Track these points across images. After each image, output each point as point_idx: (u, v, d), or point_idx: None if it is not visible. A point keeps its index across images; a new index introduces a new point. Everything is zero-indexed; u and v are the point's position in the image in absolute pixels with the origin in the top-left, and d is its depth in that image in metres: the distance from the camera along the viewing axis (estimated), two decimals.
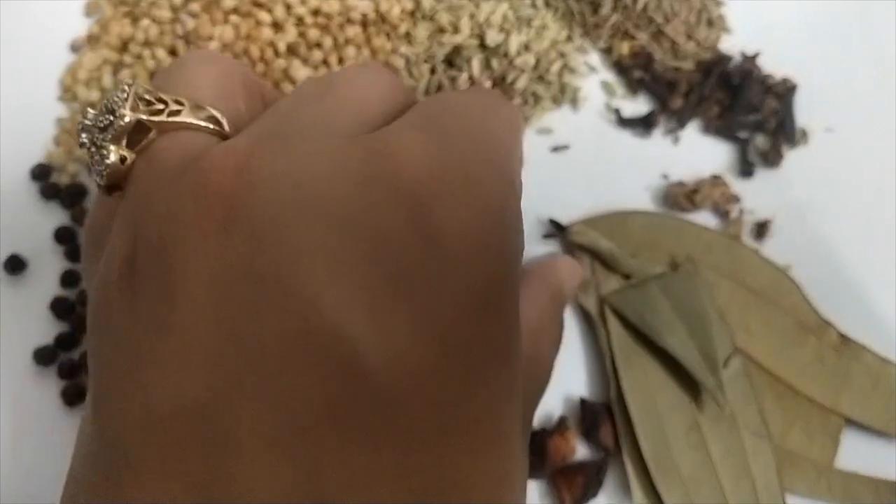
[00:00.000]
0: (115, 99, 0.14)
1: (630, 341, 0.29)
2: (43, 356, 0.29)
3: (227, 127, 0.15)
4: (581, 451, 0.28)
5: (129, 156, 0.14)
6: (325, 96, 0.15)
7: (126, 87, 0.14)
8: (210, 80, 0.15)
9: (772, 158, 0.32)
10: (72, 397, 0.29)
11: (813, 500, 0.27)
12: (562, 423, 0.28)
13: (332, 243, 0.12)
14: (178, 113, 0.14)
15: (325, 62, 0.33)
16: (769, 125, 0.33)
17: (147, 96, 0.14)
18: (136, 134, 0.14)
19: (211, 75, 0.15)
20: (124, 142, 0.14)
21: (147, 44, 0.33)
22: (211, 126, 0.15)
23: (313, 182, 0.12)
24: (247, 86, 0.16)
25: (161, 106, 0.14)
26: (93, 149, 0.14)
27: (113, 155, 0.14)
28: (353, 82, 0.15)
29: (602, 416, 0.29)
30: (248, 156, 0.12)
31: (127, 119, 0.14)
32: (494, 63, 0.32)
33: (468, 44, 0.32)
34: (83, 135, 0.15)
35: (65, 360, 0.29)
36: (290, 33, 0.33)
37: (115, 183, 0.14)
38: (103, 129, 0.14)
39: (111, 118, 0.14)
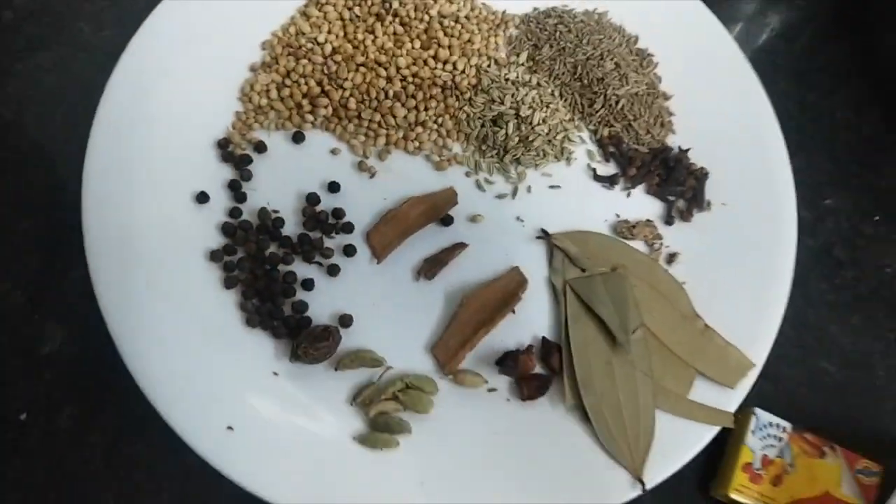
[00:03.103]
0: None
1: (578, 308, 0.47)
2: (214, 256, 0.46)
3: None
4: (538, 368, 0.46)
5: None
6: None
7: None
8: None
9: (686, 216, 0.51)
10: (228, 282, 0.46)
11: (672, 415, 0.44)
12: (529, 349, 0.46)
13: None
14: None
15: (416, 107, 0.51)
16: (688, 195, 0.51)
17: None
18: None
19: None
20: None
21: (303, 76, 0.51)
22: None
23: None
24: None
25: None
26: None
27: None
28: None
29: (554, 349, 0.46)
30: None
31: None
32: (522, 127, 0.50)
33: (508, 112, 0.50)
34: None
35: (227, 260, 0.47)
36: (397, 85, 0.51)
37: None
38: None
39: None
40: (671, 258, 0.50)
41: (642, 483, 0.43)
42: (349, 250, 0.48)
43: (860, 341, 0.51)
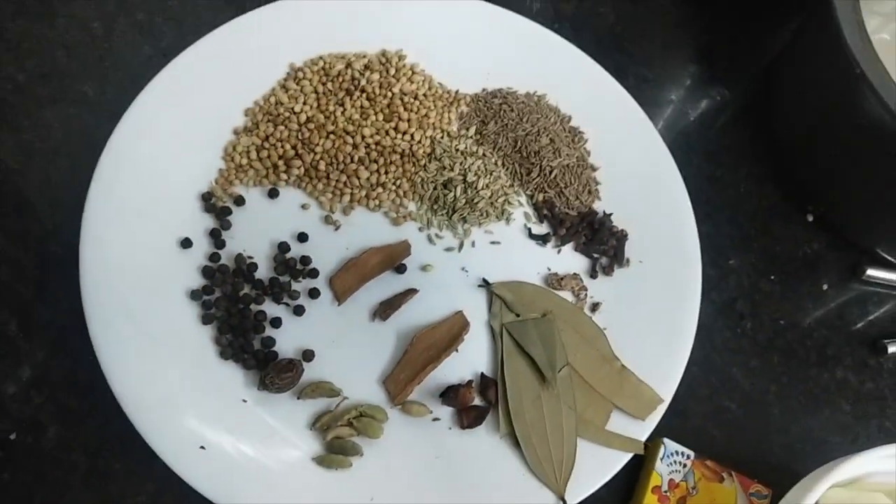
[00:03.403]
0: None
1: (512, 347, 0.54)
2: (194, 295, 0.53)
3: None
4: (477, 400, 0.52)
5: None
6: None
7: None
8: None
9: (608, 271, 0.59)
10: (206, 319, 0.52)
11: (592, 443, 0.51)
12: (469, 383, 0.52)
13: None
14: None
15: (377, 171, 0.59)
16: (610, 253, 0.59)
17: None
18: None
19: None
20: None
21: (280, 140, 0.59)
22: None
23: None
24: None
25: None
26: None
27: None
28: None
29: (490, 384, 0.53)
30: None
31: None
32: (469, 191, 0.58)
33: (457, 178, 0.58)
34: None
35: (206, 299, 0.53)
36: (361, 151, 0.59)
37: None
38: None
39: None
40: (594, 307, 0.57)
41: (564, 502, 0.49)
42: (314, 293, 0.54)
43: (757, 383, 0.59)
